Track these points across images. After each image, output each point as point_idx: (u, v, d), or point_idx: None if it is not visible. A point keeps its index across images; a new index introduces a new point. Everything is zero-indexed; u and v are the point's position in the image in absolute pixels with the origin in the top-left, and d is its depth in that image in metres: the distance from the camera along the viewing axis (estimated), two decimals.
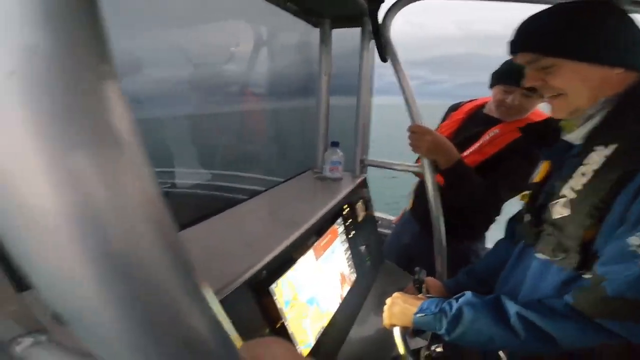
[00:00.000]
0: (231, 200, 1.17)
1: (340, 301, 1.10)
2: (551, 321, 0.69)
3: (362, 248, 1.29)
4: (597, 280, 0.65)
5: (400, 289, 1.31)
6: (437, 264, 1.41)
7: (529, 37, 0.75)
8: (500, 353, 0.90)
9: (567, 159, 0.78)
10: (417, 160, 1.50)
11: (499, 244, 1.15)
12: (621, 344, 0.67)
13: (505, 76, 1.28)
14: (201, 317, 0.19)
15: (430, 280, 1.20)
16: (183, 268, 0.18)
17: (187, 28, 1.55)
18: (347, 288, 1.15)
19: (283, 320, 0.83)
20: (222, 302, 0.68)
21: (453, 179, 1.25)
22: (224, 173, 1.81)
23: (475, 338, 0.78)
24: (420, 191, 1.58)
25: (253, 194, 1.26)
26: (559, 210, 0.73)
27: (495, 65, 1.39)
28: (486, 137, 1.34)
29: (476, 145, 1.34)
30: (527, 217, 0.90)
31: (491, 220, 1.49)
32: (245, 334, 0.71)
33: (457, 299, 0.83)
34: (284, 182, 1.43)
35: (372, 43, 1.41)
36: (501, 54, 1.43)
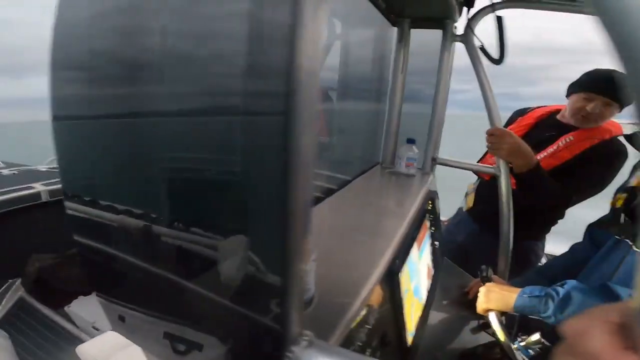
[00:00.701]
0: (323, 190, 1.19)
1: (427, 294, 1.13)
2: None
3: (437, 243, 1.33)
4: None
5: (462, 286, 1.36)
6: (500, 263, 1.46)
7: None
8: None
9: None
10: (483, 160, 1.55)
11: (575, 247, 1.19)
12: None
13: (588, 85, 1.32)
14: None
15: (496, 278, 1.25)
16: None
17: None
18: (429, 282, 1.19)
19: (403, 308, 0.87)
20: (368, 294, 0.70)
21: (530, 183, 1.30)
22: None
23: None
24: (482, 191, 1.63)
25: (326, 191, 1.25)
26: None
27: (522, 75, 1.45)
28: (561, 143, 1.39)
29: (550, 150, 1.39)
30: (623, 217, 0.95)
31: (553, 223, 1.54)
32: (378, 321, 0.75)
33: (561, 285, 0.87)
34: (355, 178, 1.46)
35: (454, 45, 1.45)
36: (528, 64, 1.47)
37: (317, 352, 0.39)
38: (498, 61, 1.24)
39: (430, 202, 1.27)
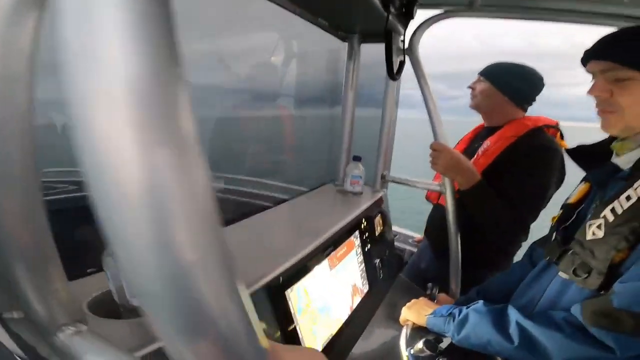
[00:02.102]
0: (256, 206, 1.22)
1: (350, 312, 1.12)
2: (543, 330, 0.73)
3: (377, 261, 1.31)
4: (608, 293, 0.68)
5: None
6: (451, 283, 1.42)
7: (614, 47, 0.75)
8: None
9: (612, 182, 0.79)
10: (437, 178, 1.51)
11: (514, 266, 1.16)
12: None
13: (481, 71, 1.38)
14: (237, 311, 0.23)
15: (442, 296, 1.24)
16: (228, 264, 0.22)
17: (223, 39, 1.63)
18: (358, 299, 1.17)
19: (295, 324, 0.87)
20: None
21: (472, 200, 1.25)
22: (249, 179, 1.85)
23: (476, 341, 0.84)
24: (432, 217, 1.60)
25: (277, 202, 1.32)
26: (594, 230, 0.74)
27: None
28: (480, 151, 1.35)
29: (471, 161, 1.32)
30: (555, 236, 0.91)
31: (513, 249, 1.46)
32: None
33: (468, 307, 0.89)
34: (306, 192, 1.48)
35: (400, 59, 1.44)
36: None
37: (83, 343, 0.41)
38: (394, 77, 1.22)
39: (364, 220, 1.25)
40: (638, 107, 0.72)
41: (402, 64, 1.31)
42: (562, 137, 1.32)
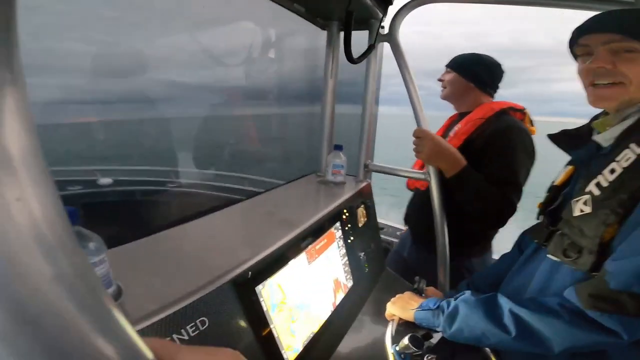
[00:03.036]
0: (234, 200, 1.16)
1: (333, 308, 1.06)
2: (541, 317, 0.69)
3: (361, 255, 1.25)
4: (603, 272, 0.64)
5: None
6: (439, 275, 1.37)
7: (622, 19, 0.73)
8: None
9: (594, 158, 0.78)
10: (414, 166, 1.47)
11: (504, 256, 1.12)
12: None
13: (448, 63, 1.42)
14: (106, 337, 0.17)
15: (430, 289, 1.18)
16: (85, 286, 0.17)
17: (194, 31, 1.57)
18: (341, 295, 1.11)
19: (269, 323, 0.81)
20: (204, 301, 0.66)
21: (460, 186, 1.21)
22: (230, 174, 1.80)
23: (470, 334, 0.79)
24: (413, 204, 1.57)
25: (256, 193, 1.25)
26: (581, 207, 0.72)
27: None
28: (452, 133, 1.36)
29: None
30: (542, 219, 0.90)
31: (485, 237, 1.45)
32: (229, 336, 0.70)
33: (456, 298, 0.85)
34: (285, 184, 1.42)
35: (380, 46, 1.39)
36: (507, 66, 1.43)
37: None
38: (354, 60, 1.15)
39: (346, 211, 1.20)
40: None
41: (371, 47, 1.25)
42: (531, 123, 1.35)
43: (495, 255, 1.53)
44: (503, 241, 1.47)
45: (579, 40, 0.78)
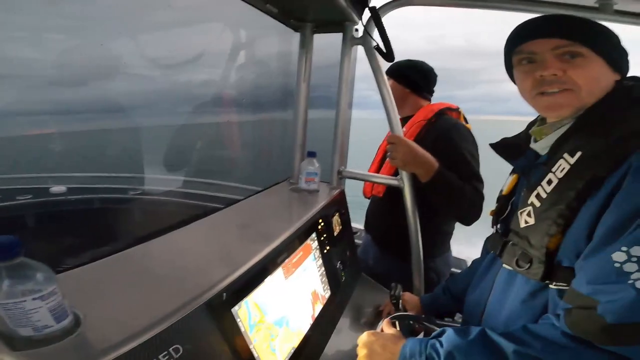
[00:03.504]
0: (206, 208, 1.11)
1: (312, 321, 1.03)
2: (553, 354, 0.64)
3: (338, 264, 1.23)
4: (584, 302, 0.61)
5: (377, 306, 1.27)
6: (414, 280, 1.37)
7: (568, 23, 0.71)
8: None
9: (534, 167, 0.78)
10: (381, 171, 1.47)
11: (474, 263, 1.12)
12: None
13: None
14: None
15: (407, 295, 1.18)
16: None
17: (167, 36, 1.49)
18: (319, 307, 1.09)
19: (248, 344, 0.77)
20: (176, 327, 0.61)
21: (437, 189, 1.21)
22: (202, 181, 1.74)
23: None
24: (373, 211, 1.59)
25: (228, 203, 1.19)
26: (525, 218, 0.72)
27: (458, 79, 1.48)
28: None
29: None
30: (496, 229, 0.89)
31: (443, 236, 1.49)
32: None
33: (439, 341, 0.74)
34: (259, 192, 1.37)
35: (354, 50, 1.37)
36: (462, 68, 1.47)
37: None
38: (389, 58, 1.21)
39: (321, 220, 1.17)
40: (592, 84, 0.69)
41: (369, 51, 1.26)
42: (465, 120, 1.43)
43: (454, 254, 1.61)
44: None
45: (520, 47, 0.75)
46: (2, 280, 0.46)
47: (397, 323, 0.92)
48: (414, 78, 1.46)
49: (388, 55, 1.20)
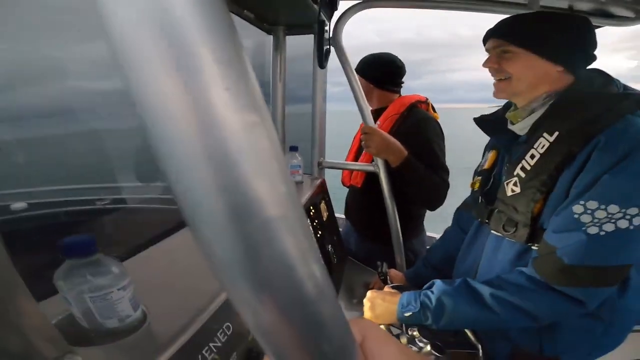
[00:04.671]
0: None
1: None
2: (520, 295, 0.78)
3: (329, 247, 1.33)
4: (549, 249, 0.76)
5: (367, 284, 1.38)
6: (396, 257, 1.50)
7: (503, 28, 0.88)
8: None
9: (514, 146, 0.92)
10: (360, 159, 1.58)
11: (446, 232, 1.26)
12: None
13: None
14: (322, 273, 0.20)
15: (392, 271, 1.29)
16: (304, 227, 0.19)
17: None
18: None
19: None
20: (226, 306, 0.67)
21: (405, 175, 1.34)
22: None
23: (462, 323, 0.87)
24: (352, 200, 1.70)
25: None
26: (512, 188, 0.85)
27: (409, 70, 1.57)
28: None
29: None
30: (480, 199, 1.01)
31: (415, 218, 1.60)
32: (243, 338, 0.71)
33: (431, 290, 0.88)
34: None
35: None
36: (412, 59, 1.60)
37: None
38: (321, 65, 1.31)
39: (312, 207, 1.26)
40: (521, 74, 0.85)
41: (327, 52, 1.34)
42: (433, 109, 1.55)
43: (429, 233, 1.75)
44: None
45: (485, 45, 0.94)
46: (88, 275, 0.50)
47: None
48: (374, 73, 1.51)
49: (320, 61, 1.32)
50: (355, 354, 0.23)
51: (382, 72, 1.51)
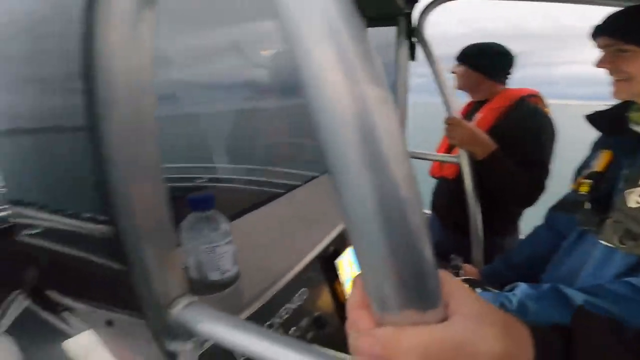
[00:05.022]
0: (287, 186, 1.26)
1: None
2: (620, 305, 0.68)
3: None
4: None
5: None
6: (474, 253, 1.46)
7: (616, 25, 0.81)
8: None
9: (639, 151, 0.80)
10: (453, 151, 1.54)
11: (537, 232, 1.16)
12: None
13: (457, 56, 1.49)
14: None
15: (467, 266, 1.25)
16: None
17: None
18: None
19: (345, 296, 0.91)
20: (296, 277, 0.76)
21: (491, 169, 1.30)
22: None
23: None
24: (440, 193, 1.66)
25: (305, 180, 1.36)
26: (636, 199, 0.74)
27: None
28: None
29: None
30: (588, 205, 0.89)
31: (515, 216, 1.54)
32: (325, 304, 0.80)
33: (513, 293, 0.81)
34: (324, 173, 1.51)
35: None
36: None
37: (196, 313, 0.42)
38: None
39: None
40: None
41: (413, 45, 1.35)
42: (545, 105, 1.43)
43: (523, 236, 1.56)
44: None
45: (595, 41, 0.86)
46: (204, 228, 0.59)
47: None
48: (485, 63, 1.43)
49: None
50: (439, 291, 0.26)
51: (496, 62, 1.45)
